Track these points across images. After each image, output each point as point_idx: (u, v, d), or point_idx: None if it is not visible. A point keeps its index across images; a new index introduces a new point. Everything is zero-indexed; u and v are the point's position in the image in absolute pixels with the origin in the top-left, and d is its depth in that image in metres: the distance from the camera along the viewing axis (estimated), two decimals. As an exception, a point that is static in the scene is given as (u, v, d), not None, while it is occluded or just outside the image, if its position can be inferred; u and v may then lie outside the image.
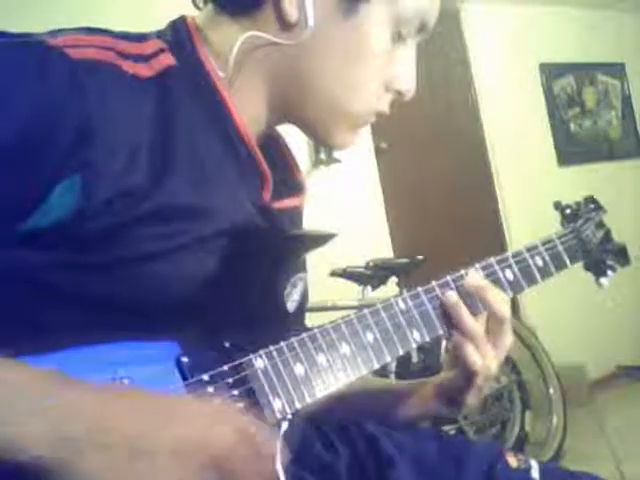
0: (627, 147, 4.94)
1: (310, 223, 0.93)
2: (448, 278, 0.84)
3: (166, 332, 0.66)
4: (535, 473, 0.88)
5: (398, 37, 0.77)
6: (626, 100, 4.98)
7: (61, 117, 0.62)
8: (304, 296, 0.85)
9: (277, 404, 0.68)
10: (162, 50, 0.73)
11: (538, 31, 4.47)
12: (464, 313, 0.81)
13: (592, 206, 1.05)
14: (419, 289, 0.81)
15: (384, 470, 0.85)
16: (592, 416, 3.42)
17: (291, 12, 0.73)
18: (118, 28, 0.74)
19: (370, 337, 0.76)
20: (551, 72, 4.58)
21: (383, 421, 0.92)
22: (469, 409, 0.88)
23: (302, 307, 0.84)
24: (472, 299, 0.82)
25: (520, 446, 2.96)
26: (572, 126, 4.67)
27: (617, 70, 4.95)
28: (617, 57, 4.95)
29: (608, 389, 4.10)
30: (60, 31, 0.69)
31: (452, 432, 2.81)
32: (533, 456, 0.94)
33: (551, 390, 3.17)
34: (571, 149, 4.62)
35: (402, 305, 0.79)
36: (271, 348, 0.69)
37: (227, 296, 0.71)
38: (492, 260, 0.88)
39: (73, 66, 0.64)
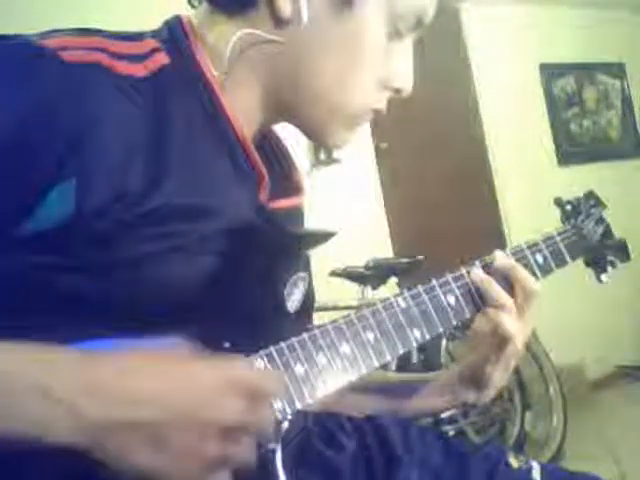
0: (627, 147, 4.94)
1: (310, 223, 0.93)
2: (448, 277, 0.84)
3: (165, 333, 0.65)
4: (536, 474, 0.88)
5: (394, 33, 0.77)
6: (626, 100, 4.98)
7: (53, 121, 0.62)
8: (307, 296, 0.85)
9: (277, 404, 0.67)
10: (157, 49, 0.72)
11: (538, 31, 4.47)
12: (495, 286, 0.84)
13: (592, 202, 1.04)
14: (419, 287, 0.81)
15: (391, 466, 0.85)
16: (592, 416, 3.42)
17: (285, 9, 0.73)
18: (115, 28, 0.74)
19: (370, 336, 0.76)
20: (551, 72, 4.59)
21: (403, 414, 0.93)
22: (496, 390, 0.89)
23: (305, 307, 0.83)
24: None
25: (520, 446, 2.96)
26: (572, 126, 4.67)
27: (617, 70, 4.95)
28: (617, 57, 4.95)
29: (608, 389, 4.10)
30: (52, 32, 0.68)
31: (452, 432, 2.81)
32: (533, 456, 0.94)
33: (551, 390, 3.17)
34: (571, 149, 4.62)
35: (402, 304, 0.79)
36: (271, 349, 0.69)
37: (226, 296, 0.71)
38: (497, 252, 0.88)
39: (65, 69, 0.63)
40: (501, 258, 0.87)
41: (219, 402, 0.59)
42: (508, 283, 0.86)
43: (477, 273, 0.85)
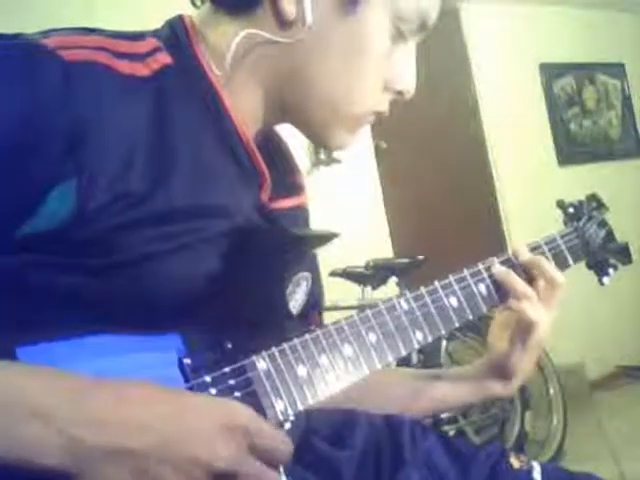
0: (627, 147, 4.94)
1: (310, 223, 0.93)
2: (451, 278, 0.84)
3: (165, 332, 0.65)
4: (537, 474, 0.88)
5: (398, 36, 0.77)
6: (626, 100, 4.98)
7: (54, 121, 0.61)
8: (311, 295, 0.84)
9: (279, 406, 0.67)
10: (158, 49, 0.72)
11: (538, 31, 4.47)
12: (517, 279, 0.87)
13: (594, 204, 1.05)
14: (422, 289, 0.81)
15: (396, 465, 0.85)
16: (592, 416, 3.42)
17: (289, 10, 0.72)
18: (117, 27, 0.73)
19: (373, 338, 0.76)
20: (551, 72, 4.58)
21: (430, 410, 0.97)
22: (525, 378, 0.91)
23: (308, 306, 0.83)
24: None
25: (520, 446, 2.95)
26: (572, 126, 4.67)
27: (617, 70, 4.95)
28: (617, 57, 4.95)
29: (608, 389, 4.10)
30: (53, 31, 0.68)
31: (452, 432, 2.80)
32: (533, 456, 0.94)
33: (551, 390, 3.16)
34: (571, 149, 4.62)
35: (405, 306, 0.79)
36: (273, 349, 0.68)
37: (227, 296, 0.71)
38: (494, 259, 0.88)
39: (66, 68, 0.63)
40: (526, 253, 0.90)
41: (213, 442, 0.58)
42: (526, 277, 0.88)
43: (498, 267, 0.88)
